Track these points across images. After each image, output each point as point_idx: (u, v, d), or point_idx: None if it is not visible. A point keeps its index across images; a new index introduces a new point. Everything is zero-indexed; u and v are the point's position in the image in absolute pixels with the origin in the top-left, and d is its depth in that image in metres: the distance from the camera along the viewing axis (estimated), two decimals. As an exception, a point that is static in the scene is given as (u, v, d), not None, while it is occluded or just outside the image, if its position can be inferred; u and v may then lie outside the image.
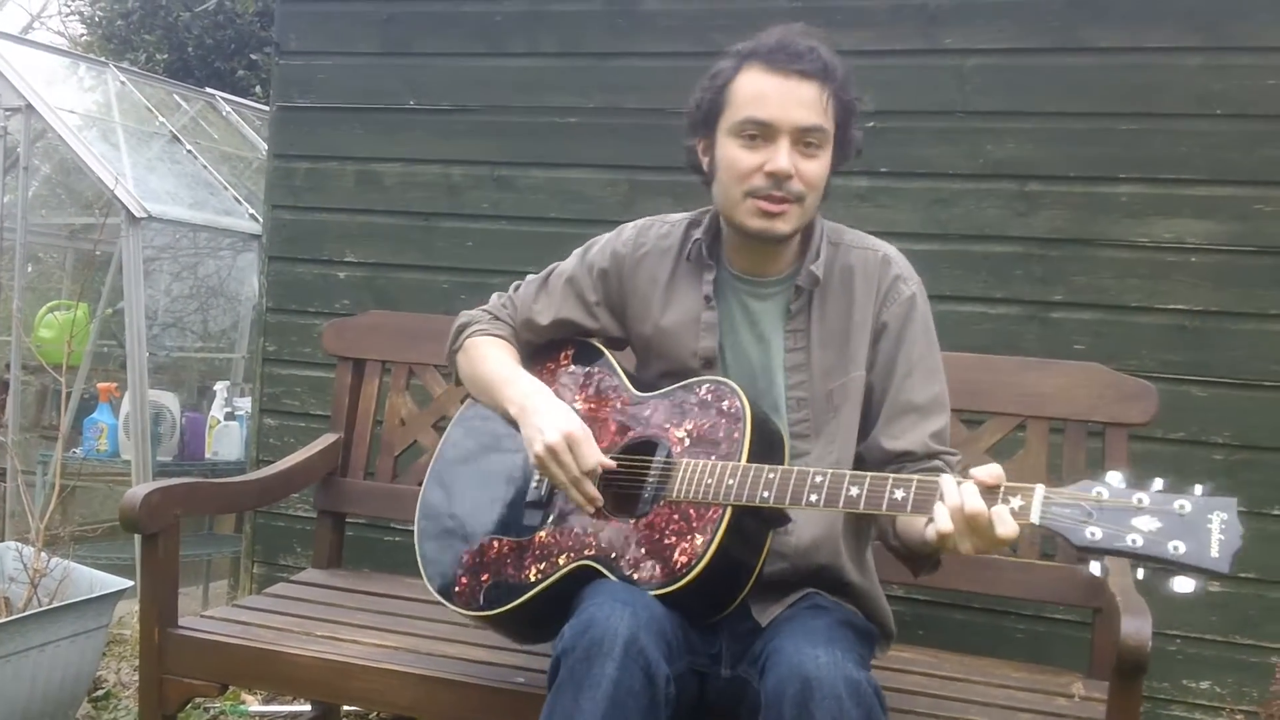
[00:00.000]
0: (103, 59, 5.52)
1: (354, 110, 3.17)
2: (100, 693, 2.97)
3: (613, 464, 1.66)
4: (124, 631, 3.33)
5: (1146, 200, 2.58)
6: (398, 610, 2.24)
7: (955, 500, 1.38)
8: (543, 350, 1.91)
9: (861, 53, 2.72)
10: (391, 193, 3.14)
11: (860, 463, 1.73)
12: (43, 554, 2.80)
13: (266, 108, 4.20)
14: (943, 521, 1.38)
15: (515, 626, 1.76)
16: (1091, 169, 2.61)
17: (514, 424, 1.73)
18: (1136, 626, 1.57)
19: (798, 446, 1.71)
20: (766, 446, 1.62)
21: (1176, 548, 1.26)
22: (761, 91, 1.62)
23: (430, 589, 1.81)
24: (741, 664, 1.64)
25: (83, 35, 8.77)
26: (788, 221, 1.65)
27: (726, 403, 1.64)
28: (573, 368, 1.86)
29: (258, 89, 6.90)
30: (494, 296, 1.97)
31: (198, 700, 2.49)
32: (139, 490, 2.01)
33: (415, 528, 1.88)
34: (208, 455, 4.09)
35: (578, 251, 1.92)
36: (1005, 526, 1.35)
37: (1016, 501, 1.36)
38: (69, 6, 9.30)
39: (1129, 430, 2.12)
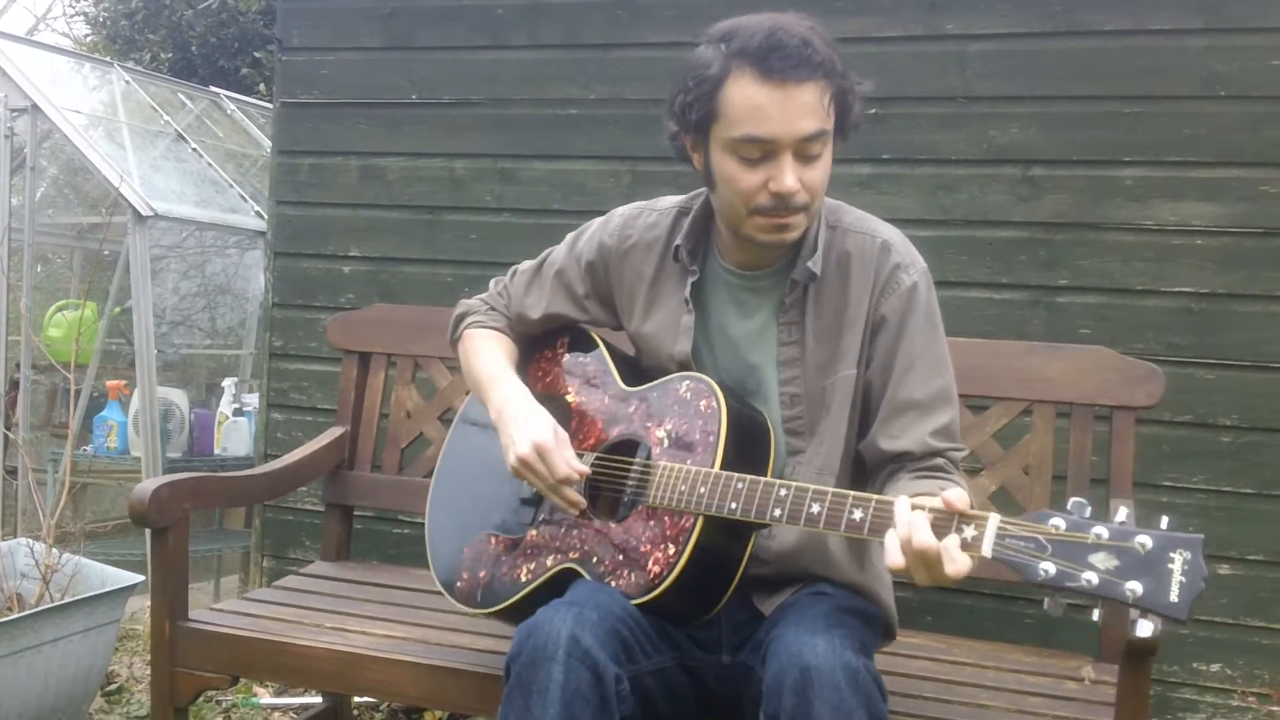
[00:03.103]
0: (107, 59, 5.54)
1: (357, 105, 3.18)
2: (113, 687, 2.99)
3: (587, 470, 1.65)
4: (136, 627, 3.35)
5: (1151, 183, 2.57)
6: (406, 601, 2.25)
7: (905, 533, 1.31)
8: (540, 338, 1.91)
9: (863, 39, 2.72)
10: (395, 187, 3.15)
11: (859, 461, 1.69)
12: (54, 550, 2.81)
13: (270, 105, 4.21)
14: (893, 555, 1.32)
15: (512, 620, 1.76)
16: (1096, 153, 2.60)
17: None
18: (1144, 609, 1.57)
19: (793, 444, 1.68)
20: (749, 444, 1.60)
21: (1133, 590, 1.18)
22: (757, 105, 1.48)
23: (435, 580, 1.84)
24: (744, 651, 1.63)
25: (87, 36, 8.79)
26: (796, 230, 1.57)
27: (704, 402, 1.61)
28: (566, 357, 1.86)
29: (261, 86, 6.92)
30: (492, 283, 1.96)
31: (209, 693, 2.51)
32: (148, 485, 2.01)
33: (426, 518, 1.90)
34: (217, 451, 4.12)
35: (569, 238, 1.88)
36: (954, 565, 1.27)
37: (970, 532, 1.29)
38: (73, 7, 9.31)
39: (1136, 413, 2.11)
